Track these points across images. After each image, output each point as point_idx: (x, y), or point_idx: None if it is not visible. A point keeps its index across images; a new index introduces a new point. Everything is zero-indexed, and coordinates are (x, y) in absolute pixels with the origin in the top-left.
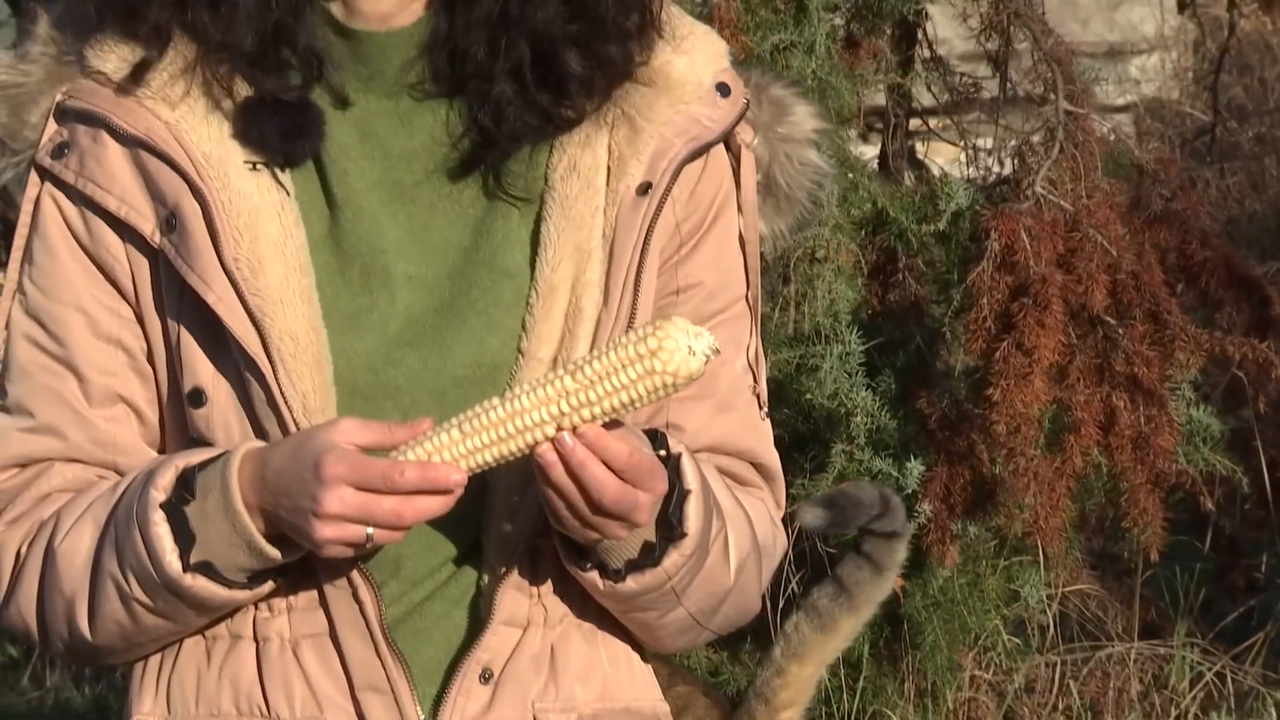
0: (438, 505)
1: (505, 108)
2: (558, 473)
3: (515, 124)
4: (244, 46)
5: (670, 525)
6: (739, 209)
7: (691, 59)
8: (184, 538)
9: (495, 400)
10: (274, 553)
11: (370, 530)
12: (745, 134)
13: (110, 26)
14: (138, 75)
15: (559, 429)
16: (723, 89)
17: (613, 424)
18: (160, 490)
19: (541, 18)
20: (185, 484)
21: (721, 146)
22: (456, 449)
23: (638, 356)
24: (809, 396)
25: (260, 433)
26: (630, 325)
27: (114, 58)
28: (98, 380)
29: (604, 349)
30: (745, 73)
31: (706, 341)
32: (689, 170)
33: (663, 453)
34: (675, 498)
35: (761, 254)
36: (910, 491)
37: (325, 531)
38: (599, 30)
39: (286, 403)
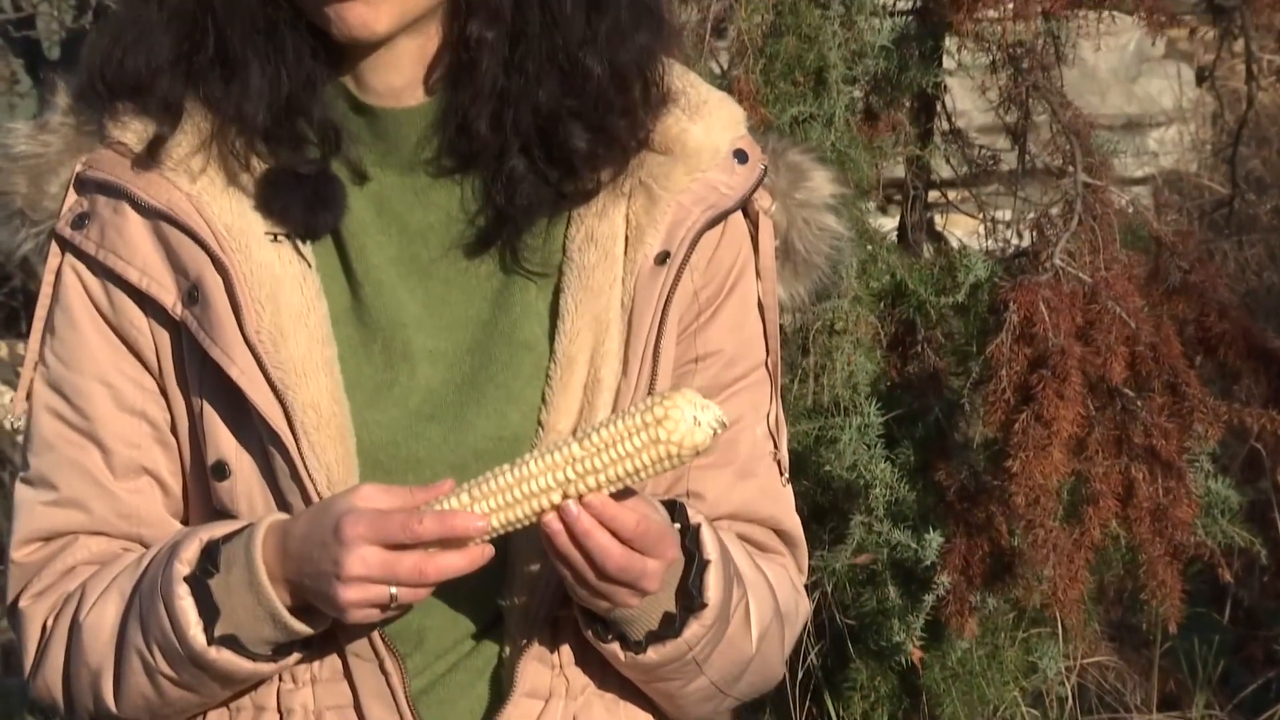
0: (461, 562)
1: (517, 183)
2: (562, 541)
3: (528, 199)
4: (258, 120)
5: (690, 595)
6: (758, 275)
7: (708, 126)
8: (208, 611)
9: (505, 466)
10: (298, 625)
11: (394, 590)
12: (763, 200)
13: (123, 101)
14: (155, 148)
15: (565, 496)
16: (740, 155)
17: (624, 492)
18: (184, 563)
19: (541, 93)
20: (210, 557)
21: (739, 212)
22: (471, 503)
23: (643, 425)
24: (828, 468)
25: (284, 505)
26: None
27: (133, 130)
28: (122, 452)
29: (612, 417)
30: (762, 138)
31: (713, 414)
32: (707, 237)
33: (678, 525)
34: (695, 568)
35: (780, 323)
36: (929, 563)
37: (349, 594)
38: (600, 104)
39: (310, 475)
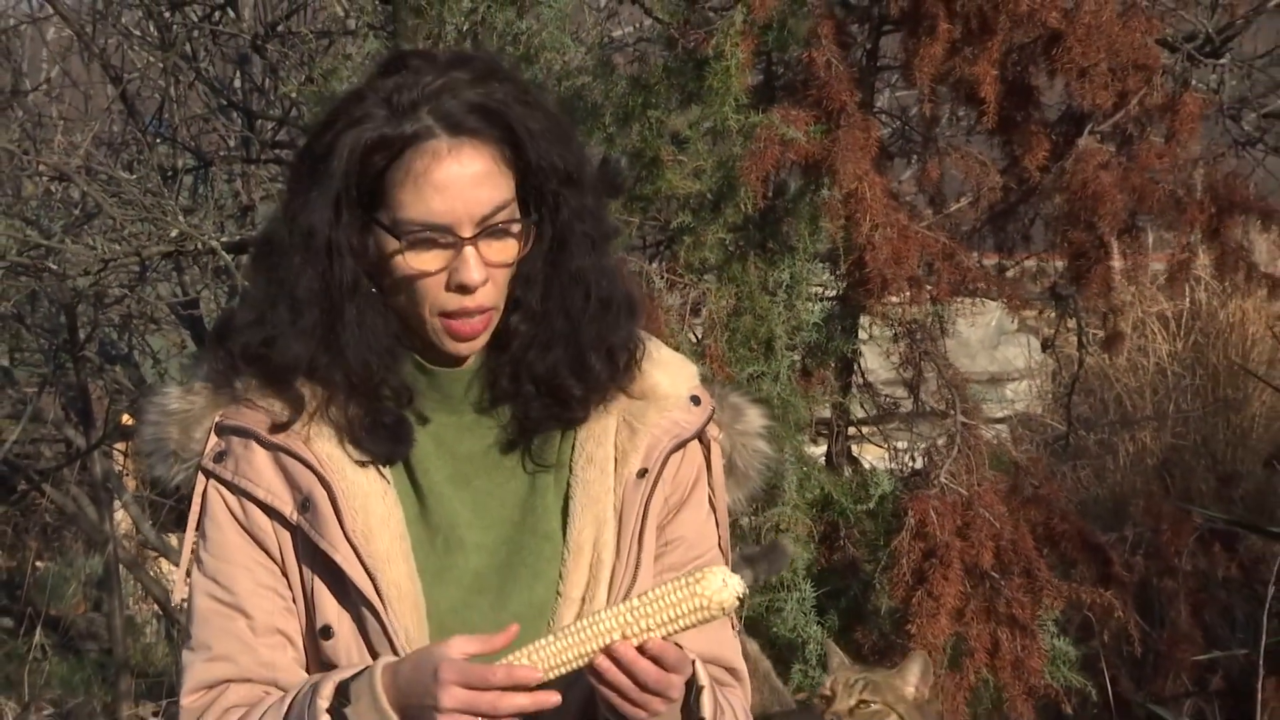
0: (525, 701)
1: (530, 408)
2: (614, 673)
3: (539, 416)
4: (353, 381)
5: (692, 711)
6: (710, 485)
7: (672, 379)
8: None
9: (579, 618)
10: None
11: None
12: (713, 430)
13: (257, 380)
14: (279, 405)
15: (624, 635)
16: (695, 399)
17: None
18: (324, 699)
19: (550, 361)
20: (342, 693)
21: (695, 439)
22: (548, 650)
23: (685, 583)
24: (775, 630)
25: (374, 656)
26: (636, 573)
27: (258, 394)
28: (261, 618)
29: (660, 582)
30: (710, 386)
31: (737, 581)
32: (672, 459)
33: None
34: (693, 693)
35: (734, 522)
36: None
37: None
38: (593, 372)
39: (394, 635)
